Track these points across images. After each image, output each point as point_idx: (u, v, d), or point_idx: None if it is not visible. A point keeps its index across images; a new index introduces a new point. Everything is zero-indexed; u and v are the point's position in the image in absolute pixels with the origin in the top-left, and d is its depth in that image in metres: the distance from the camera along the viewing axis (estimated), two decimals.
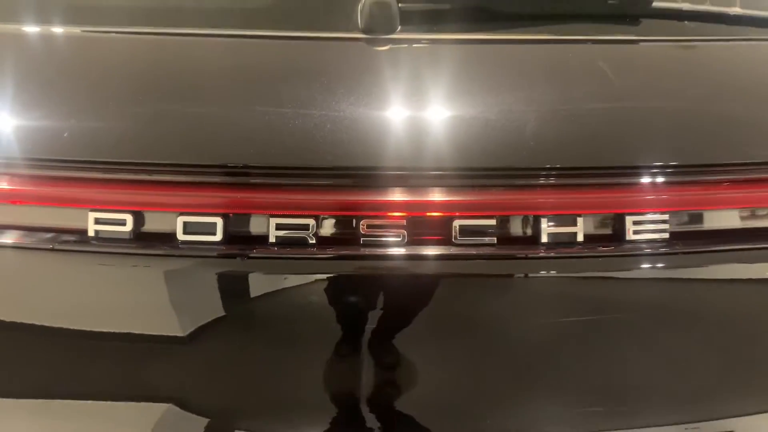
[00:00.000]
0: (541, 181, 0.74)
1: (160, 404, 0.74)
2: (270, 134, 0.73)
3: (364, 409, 0.74)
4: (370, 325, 0.73)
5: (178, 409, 0.74)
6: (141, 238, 0.72)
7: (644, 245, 0.73)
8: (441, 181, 0.73)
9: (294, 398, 0.75)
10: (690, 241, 0.75)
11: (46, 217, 0.73)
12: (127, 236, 0.72)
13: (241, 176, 0.72)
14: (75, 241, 0.72)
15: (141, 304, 0.74)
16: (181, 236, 0.71)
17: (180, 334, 0.74)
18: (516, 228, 0.73)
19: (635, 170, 0.75)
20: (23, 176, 0.73)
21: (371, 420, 0.74)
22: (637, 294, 0.77)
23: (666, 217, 0.74)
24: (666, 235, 0.74)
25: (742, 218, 0.77)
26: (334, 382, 0.75)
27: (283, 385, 0.75)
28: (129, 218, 0.72)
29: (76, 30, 0.86)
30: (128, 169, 0.72)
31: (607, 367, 0.76)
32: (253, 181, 0.72)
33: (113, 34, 0.85)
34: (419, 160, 0.72)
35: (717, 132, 0.78)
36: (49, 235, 0.73)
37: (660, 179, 0.75)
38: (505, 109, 0.76)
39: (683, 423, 0.78)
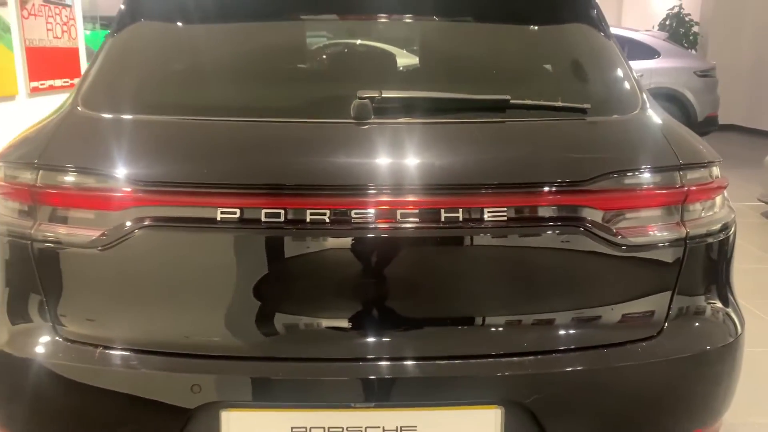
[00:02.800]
0: (445, 191, 1.42)
1: (266, 304, 1.44)
2: (305, 170, 1.44)
3: (370, 304, 1.44)
4: (362, 259, 1.42)
5: (273, 303, 1.45)
6: (242, 221, 1.40)
7: (492, 222, 1.41)
8: (397, 191, 1.39)
9: (324, 294, 1.45)
10: (514, 221, 1.42)
11: (196, 212, 1.41)
12: (236, 220, 1.41)
13: (292, 190, 1.41)
14: (209, 223, 1.41)
15: (242, 252, 1.44)
16: (263, 219, 1.41)
17: (264, 268, 1.43)
18: (433, 215, 1.39)
19: (488, 186, 1.43)
20: (185, 192, 1.41)
21: (376, 309, 1.44)
22: (489, 247, 1.46)
23: (504, 209, 1.42)
24: (504, 218, 1.43)
25: (538, 211, 1.44)
26: (348, 289, 1.44)
27: (315, 291, 1.45)
28: (237, 211, 1.41)
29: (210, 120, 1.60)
30: (238, 187, 1.43)
31: (483, 276, 1.47)
32: (297, 192, 1.41)
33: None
34: (385, 181, 1.39)
35: (527, 168, 1.48)
36: (197, 220, 1.42)
37: (498, 191, 1.43)
38: (431, 156, 1.48)
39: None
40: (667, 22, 12.60)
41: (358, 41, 2.20)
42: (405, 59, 2.06)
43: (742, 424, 2.55)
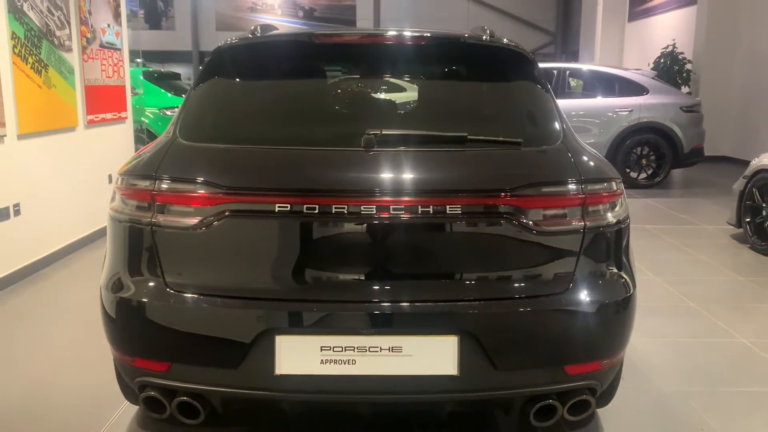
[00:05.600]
0: (424, 194, 2.15)
1: (302, 264, 2.18)
2: (331, 181, 2.20)
3: (372, 265, 2.17)
4: (366, 237, 2.15)
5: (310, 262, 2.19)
6: (292, 211, 2.14)
7: (453, 215, 2.14)
8: (391, 194, 2.13)
9: (337, 261, 2.20)
10: (467, 214, 2.15)
11: (261, 206, 2.16)
12: (287, 211, 2.16)
13: (323, 193, 2.15)
14: (268, 213, 2.16)
15: (289, 232, 2.18)
16: (304, 211, 2.16)
17: (303, 242, 2.17)
18: (414, 209, 2.13)
19: (451, 192, 2.18)
20: (254, 194, 2.17)
21: (375, 268, 2.17)
22: (451, 231, 2.18)
23: (459, 206, 2.17)
24: (460, 212, 2.17)
25: (483, 208, 2.17)
26: (357, 256, 2.18)
27: (335, 257, 2.20)
28: (288, 206, 2.17)
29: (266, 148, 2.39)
30: (289, 191, 2.18)
31: (447, 249, 2.19)
32: (326, 194, 2.14)
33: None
34: (383, 188, 2.14)
35: (477, 180, 2.23)
36: (261, 211, 2.18)
37: (458, 194, 2.18)
38: (414, 172, 2.24)
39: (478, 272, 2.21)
40: (662, 60, 13.29)
41: (368, 92, 3.00)
42: (400, 101, 2.85)
43: (687, 392, 3.28)
